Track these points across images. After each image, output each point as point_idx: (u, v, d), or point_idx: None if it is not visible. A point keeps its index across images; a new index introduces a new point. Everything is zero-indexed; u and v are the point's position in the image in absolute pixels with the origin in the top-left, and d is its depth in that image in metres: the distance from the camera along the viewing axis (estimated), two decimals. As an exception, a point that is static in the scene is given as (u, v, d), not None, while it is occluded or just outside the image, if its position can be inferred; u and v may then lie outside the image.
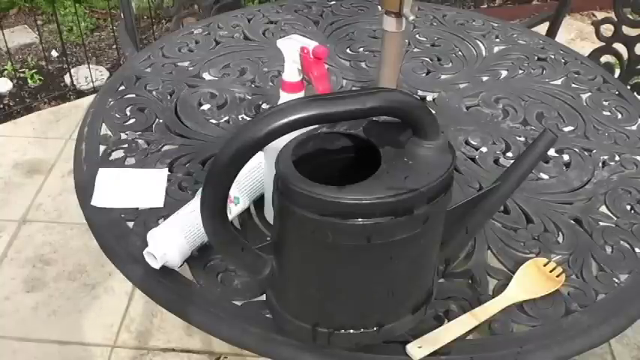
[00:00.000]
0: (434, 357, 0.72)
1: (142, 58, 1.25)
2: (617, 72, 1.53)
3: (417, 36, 1.40)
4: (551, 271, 0.83)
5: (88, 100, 2.42)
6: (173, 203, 0.89)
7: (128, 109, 1.10)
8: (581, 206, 0.95)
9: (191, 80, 1.19)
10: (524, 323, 0.78)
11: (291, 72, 0.83)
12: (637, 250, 0.89)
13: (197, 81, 1.19)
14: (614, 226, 0.93)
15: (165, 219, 0.83)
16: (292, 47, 0.82)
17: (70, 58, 2.69)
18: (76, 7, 2.75)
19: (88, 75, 2.55)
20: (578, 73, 1.28)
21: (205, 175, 0.59)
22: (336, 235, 0.61)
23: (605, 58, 1.56)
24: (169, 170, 0.96)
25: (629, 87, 1.44)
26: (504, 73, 1.28)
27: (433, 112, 0.65)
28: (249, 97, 1.15)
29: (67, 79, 2.58)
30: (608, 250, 0.89)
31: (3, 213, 1.97)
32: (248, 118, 1.10)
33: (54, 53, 2.73)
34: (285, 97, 0.84)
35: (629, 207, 0.96)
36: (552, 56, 1.34)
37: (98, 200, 0.89)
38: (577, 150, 1.07)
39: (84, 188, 0.92)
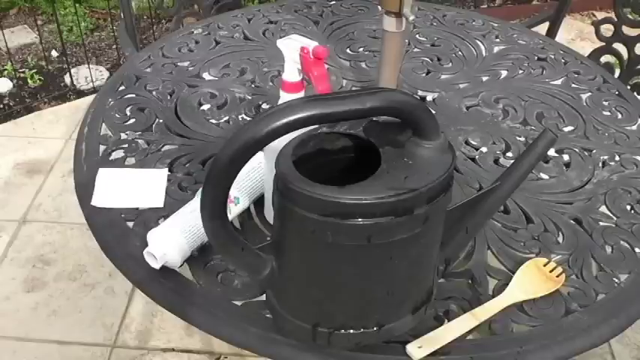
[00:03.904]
0: (434, 357, 0.72)
1: (142, 58, 1.25)
2: (617, 72, 1.53)
3: (417, 36, 1.40)
4: (551, 271, 0.83)
5: (88, 100, 2.42)
6: (173, 203, 0.89)
7: (128, 109, 1.10)
8: (581, 206, 0.95)
9: (191, 80, 1.19)
10: (524, 323, 0.78)
11: (291, 72, 0.83)
12: (637, 250, 0.89)
13: (197, 81, 1.19)
14: (614, 226, 0.93)
15: (165, 219, 0.83)
16: (292, 47, 0.82)
17: (70, 58, 2.69)
18: (76, 7, 2.75)
19: (88, 75, 2.55)
20: (578, 73, 1.28)
21: (205, 175, 0.59)
22: (336, 235, 0.61)
23: (605, 58, 1.56)
24: (169, 170, 0.96)
25: (629, 87, 1.44)
26: (504, 73, 1.28)
27: (433, 112, 0.65)
28: (249, 97, 1.15)
29: (67, 79, 2.58)
30: (608, 250, 0.89)
31: (3, 213, 1.97)
32: (248, 118, 1.10)
33: (54, 53, 2.73)
34: (285, 97, 0.84)
35: (629, 207, 0.96)
36: (552, 56, 1.34)
37: (98, 200, 0.89)
38: (577, 150, 1.07)
39: (84, 188, 0.92)
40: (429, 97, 1.19)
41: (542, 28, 1.78)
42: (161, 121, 1.07)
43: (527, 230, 0.90)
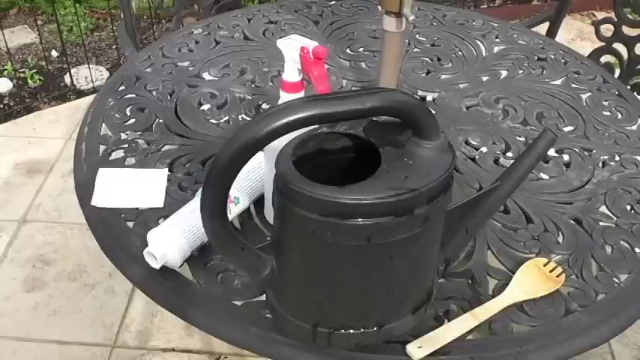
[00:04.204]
0: (434, 357, 0.72)
1: (142, 58, 1.25)
2: (617, 72, 1.53)
3: (417, 36, 1.40)
4: (551, 271, 0.83)
5: (88, 100, 2.42)
6: (173, 203, 0.89)
7: (128, 109, 1.10)
8: (581, 206, 0.95)
9: (191, 80, 1.19)
10: (524, 323, 0.78)
11: (291, 72, 0.83)
12: (637, 250, 0.89)
13: (197, 81, 1.19)
14: (614, 226, 0.93)
15: (165, 219, 0.83)
16: (292, 47, 0.82)
17: (70, 58, 2.69)
18: (76, 7, 2.75)
19: (88, 75, 2.55)
20: (578, 73, 1.28)
21: (205, 175, 0.59)
22: (336, 235, 0.61)
23: (605, 58, 1.56)
24: (169, 170, 0.96)
25: (629, 87, 1.44)
26: (504, 73, 1.28)
27: (433, 112, 0.65)
28: (249, 97, 1.15)
29: (67, 79, 2.58)
30: (608, 250, 0.89)
31: (3, 213, 1.97)
32: (248, 118, 1.10)
33: (54, 53, 2.73)
34: (285, 97, 0.84)
35: (629, 207, 0.96)
36: (552, 56, 1.34)
37: (98, 200, 0.89)
38: (577, 150, 1.07)
39: (84, 188, 0.92)
40: (429, 97, 1.19)
41: (542, 28, 1.78)
42: (161, 121, 1.07)
43: (527, 230, 0.90)
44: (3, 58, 2.66)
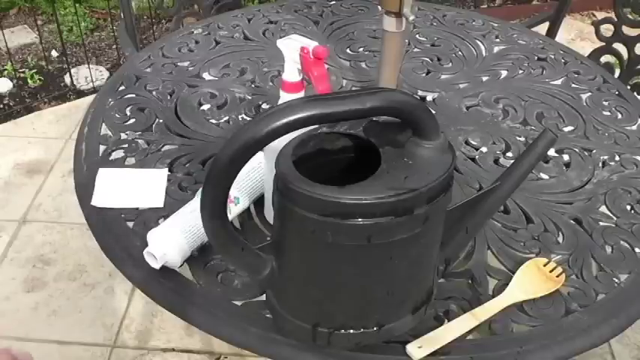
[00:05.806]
0: (434, 357, 0.72)
1: (142, 58, 1.25)
2: (617, 72, 1.53)
3: (417, 36, 1.40)
4: (551, 271, 0.83)
5: (88, 100, 2.42)
6: (173, 203, 0.89)
7: (128, 109, 1.10)
8: (581, 206, 0.95)
9: (191, 80, 1.19)
10: (524, 323, 0.78)
11: (291, 72, 0.83)
12: (637, 250, 0.89)
13: (197, 81, 1.19)
14: (614, 226, 0.93)
15: (165, 219, 0.83)
16: (292, 47, 0.82)
17: (70, 58, 2.69)
18: (76, 7, 2.75)
19: (88, 75, 2.55)
20: (578, 73, 1.28)
21: (205, 175, 0.59)
22: (336, 235, 0.61)
23: (605, 58, 1.57)
24: (169, 170, 0.96)
25: (629, 87, 1.44)
26: (504, 73, 1.28)
27: (433, 112, 0.65)
28: (249, 97, 1.15)
29: (67, 79, 2.58)
30: (608, 250, 0.89)
31: (3, 213, 1.97)
32: (248, 118, 1.10)
33: (54, 53, 2.73)
34: (285, 97, 0.84)
35: (629, 207, 0.96)
36: (552, 56, 1.34)
37: (98, 200, 0.89)
38: (577, 150, 1.07)
39: (84, 188, 0.92)
40: (429, 97, 1.19)
41: (542, 28, 1.78)
42: (161, 121, 1.07)
43: (527, 230, 0.90)
44: (3, 58, 2.66)
